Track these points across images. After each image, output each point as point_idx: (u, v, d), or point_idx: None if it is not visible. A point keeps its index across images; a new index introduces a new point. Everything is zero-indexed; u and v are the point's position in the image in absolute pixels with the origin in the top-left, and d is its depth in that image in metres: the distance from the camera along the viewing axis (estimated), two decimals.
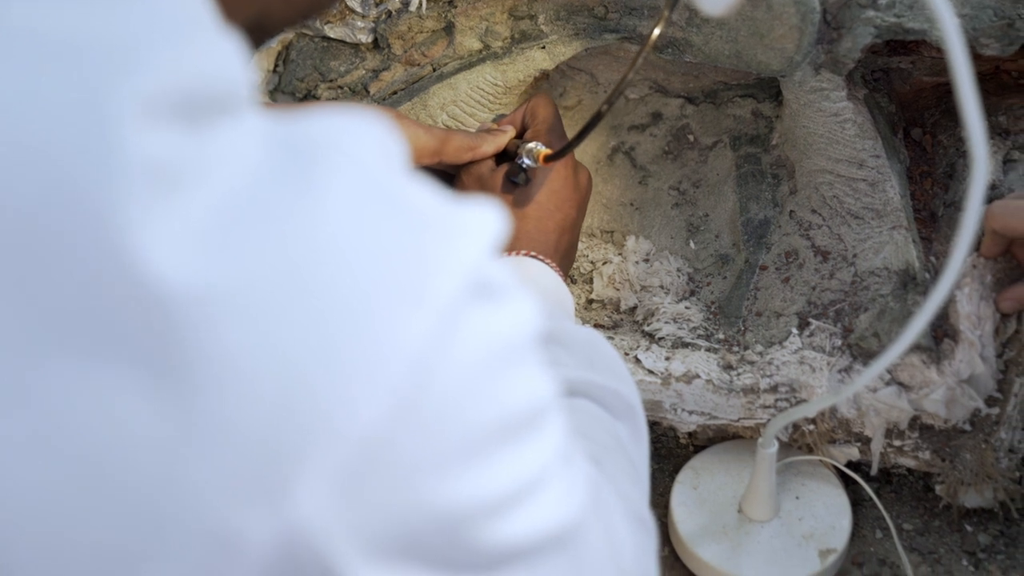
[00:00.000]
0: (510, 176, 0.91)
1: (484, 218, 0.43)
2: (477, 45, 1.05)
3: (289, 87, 1.10)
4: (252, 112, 0.39)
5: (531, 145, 0.91)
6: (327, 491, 0.38)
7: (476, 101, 1.05)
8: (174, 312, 0.35)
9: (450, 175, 0.97)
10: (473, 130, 1.01)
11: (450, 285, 0.40)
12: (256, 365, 0.36)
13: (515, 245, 0.89)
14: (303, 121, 0.40)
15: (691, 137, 1.11)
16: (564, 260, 0.93)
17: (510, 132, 0.96)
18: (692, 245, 1.05)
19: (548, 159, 0.90)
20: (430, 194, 0.42)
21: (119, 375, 0.35)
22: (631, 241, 1.07)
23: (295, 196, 0.38)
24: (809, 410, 0.80)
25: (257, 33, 0.50)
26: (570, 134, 1.12)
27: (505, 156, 0.95)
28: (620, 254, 1.07)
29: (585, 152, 1.13)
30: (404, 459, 0.40)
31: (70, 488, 0.36)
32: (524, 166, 0.91)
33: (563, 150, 0.88)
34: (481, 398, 0.42)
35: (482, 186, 0.92)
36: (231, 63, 0.39)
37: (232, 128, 0.38)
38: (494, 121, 1.05)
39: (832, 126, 0.94)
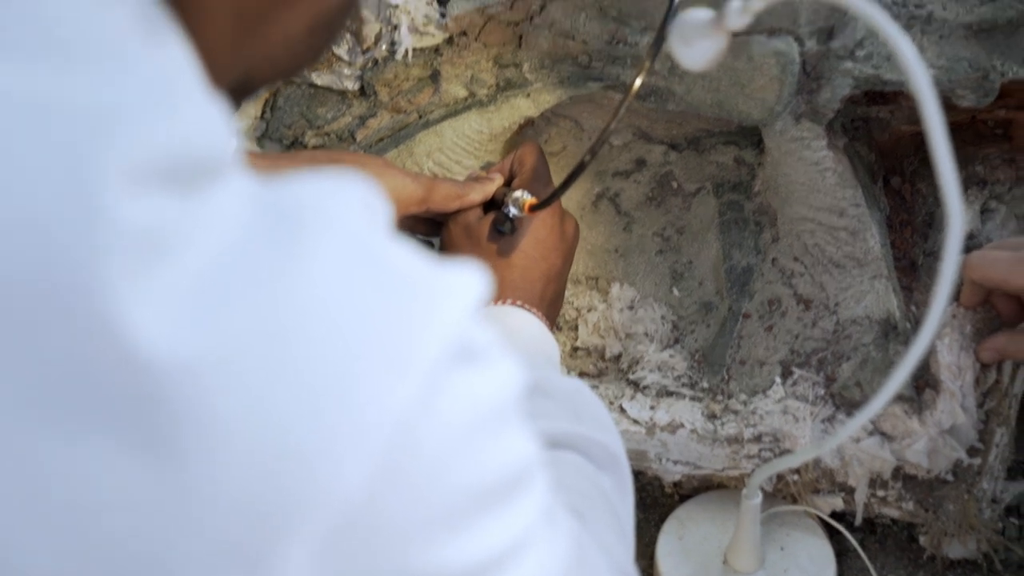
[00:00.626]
0: (496, 225, 0.91)
1: (467, 280, 0.43)
2: (463, 92, 1.05)
3: (276, 134, 1.10)
4: (238, 174, 0.40)
5: (517, 194, 0.92)
6: (311, 559, 0.38)
7: (462, 148, 1.06)
8: (162, 381, 0.35)
9: (438, 223, 0.98)
10: (460, 178, 1.02)
11: (434, 350, 0.40)
12: (242, 433, 0.36)
13: (501, 294, 0.89)
14: (290, 185, 0.41)
15: (674, 183, 1.12)
16: (550, 309, 0.94)
17: (498, 180, 0.96)
18: (676, 292, 1.06)
19: (533, 208, 0.90)
20: (414, 257, 0.42)
21: (110, 442, 0.35)
22: (616, 288, 1.07)
23: (282, 262, 0.38)
24: (793, 462, 0.80)
25: (241, 92, 0.50)
26: (556, 180, 1.12)
27: (493, 205, 0.96)
28: (605, 301, 1.07)
29: (570, 198, 1.13)
30: (389, 525, 0.40)
31: (60, 553, 0.36)
32: (510, 215, 0.91)
33: (548, 199, 0.88)
34: (466, 462, 0.42)
35: (469, 235, 0.92)
36: (217, 128, 0.40)
37: (219, 192, 0.38)
38: (482, 169, 1.05)
39: (813, 175, 0.95)
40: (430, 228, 0.97)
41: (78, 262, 0.35)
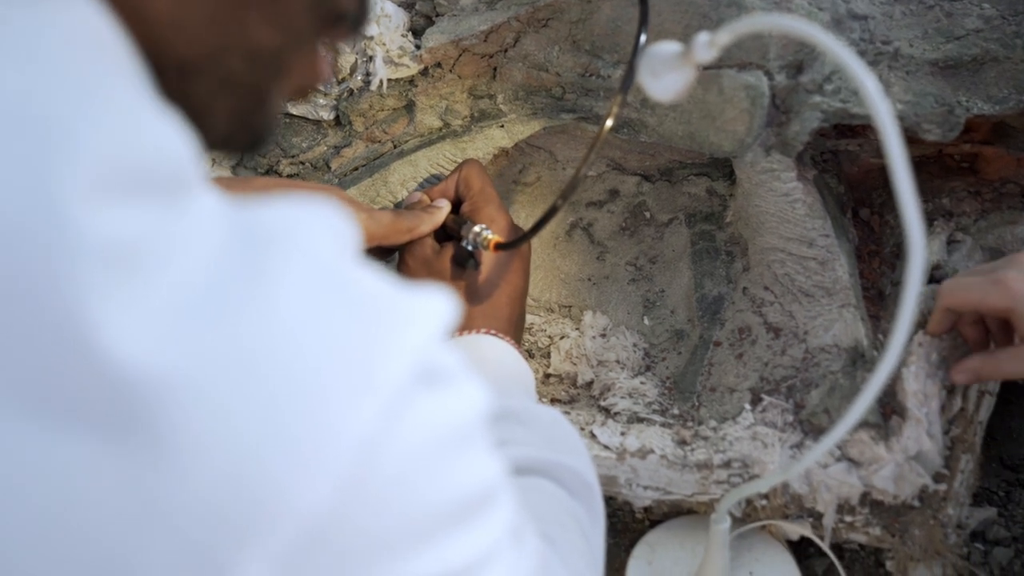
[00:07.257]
0: (458, 261, 0.91)
1: (433, 304, 0.44)
2: (437, 123, 1.06)
3: (251, 162, 1.11)
4: (209, 191, 0.41)
5: (477, 229, 0.90)
6: (273, 570, 0.38)
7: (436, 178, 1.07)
8: (134, 393, 0.36)
9: (387, 250, 0.97)
10: (409, 198, 1.00)
11: (398, 372, 0.41)
12: (210, 446, 0.37)
13: (471, 324, 0.90)
14: (261, 208, 0.42)
15: (647, 214, 1.13)
16: (517, 331, 0.94)
17: (446, 208, 0.94)
18: (647, 321, 1.07)
19: (500, 247, 0.89)
20: (381, 281, 0.43)
21: (85, 444, 0.36)
22: (588, 316, 1.08)
23: (252, 285, 0.39)
24: (760, 486, 0.81)
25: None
26: (526, 213, 1.13)
27: (444, 231, 0.95)
28: (577, 329, 1.08)
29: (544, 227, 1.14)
30: (352, 541, 0.41)
31: (24, 545, 0.37)
32: (473, 253, 0.90)
33: (517, 241, 0.88)
34: (430, 482, 0.43)
35: (429, 270, 0.92)
36: (177, 141, 0.40)
37: (193, 208, 0.39)
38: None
39: (783, 205, 0.96)
40: (379, 256, 0.96)
41: (45, 271, 0.35)
